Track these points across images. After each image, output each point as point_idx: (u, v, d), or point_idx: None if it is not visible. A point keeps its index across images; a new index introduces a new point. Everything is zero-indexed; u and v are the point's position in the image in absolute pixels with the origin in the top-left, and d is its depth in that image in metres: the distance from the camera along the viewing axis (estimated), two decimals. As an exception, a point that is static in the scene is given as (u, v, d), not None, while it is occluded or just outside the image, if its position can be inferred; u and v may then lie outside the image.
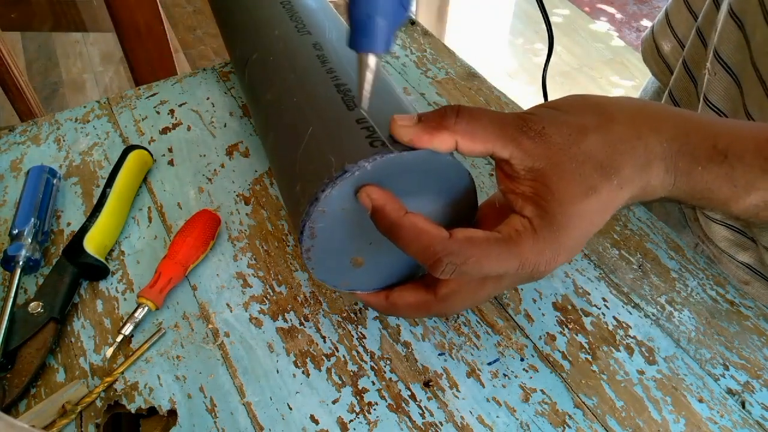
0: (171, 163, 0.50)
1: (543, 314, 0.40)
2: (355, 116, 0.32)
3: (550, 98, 0.56)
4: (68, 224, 0.45)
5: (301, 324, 0.39)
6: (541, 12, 0.49)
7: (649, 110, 0.30)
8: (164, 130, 0.53)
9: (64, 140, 0.52)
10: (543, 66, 0.54)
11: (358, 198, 0.30)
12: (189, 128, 0.53)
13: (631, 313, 0.40)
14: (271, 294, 0.41)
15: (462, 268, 0.28)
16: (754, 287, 0.48)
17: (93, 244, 0.41)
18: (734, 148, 0.29)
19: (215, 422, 0.34)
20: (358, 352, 0.38)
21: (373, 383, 0.36)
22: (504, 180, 0.30)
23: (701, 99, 0.46)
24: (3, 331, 0.36)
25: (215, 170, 0.49)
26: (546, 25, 0.50)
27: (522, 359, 0.38)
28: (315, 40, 0.40)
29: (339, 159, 0.30)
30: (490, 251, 0.28)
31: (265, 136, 0.40)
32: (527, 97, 2.09)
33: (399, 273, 0.36)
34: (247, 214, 0.46)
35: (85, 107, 0.55)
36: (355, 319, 0.39)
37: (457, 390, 0.36)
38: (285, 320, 0.39)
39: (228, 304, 0.40)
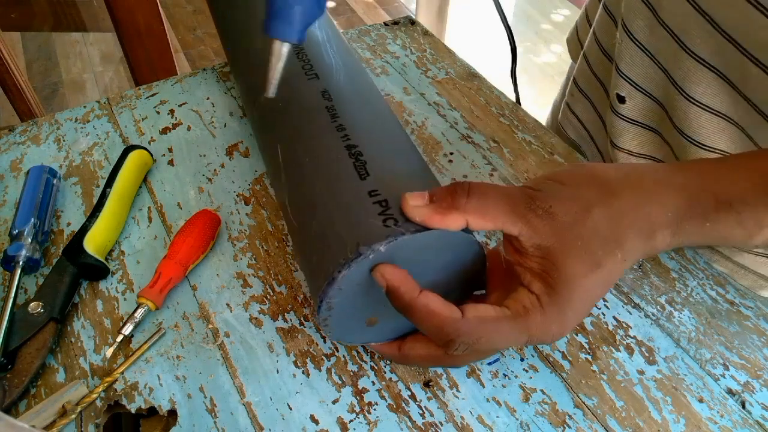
0: (171, 163, 0.50)
1: (543, 314, 0.40)
2: (367, 187, 0.32)
3: (522, 92, 0.59)
4: (68, 224, 0.45)
5: (301, 324, 0.39)
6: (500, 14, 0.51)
7: (650, 179, 0.31)
8: (164, 130, 0.53)
9: (64, 140, 0.52)
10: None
11: (372, 276, 0.30)
12: (189, 128, 0.53)
13: (631, 313, 0.40)
14: (271, 294, 0.41)
15: (474, 347, 0.29)
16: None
17: (93, 244, 0.41)
18: (736, 194, 0.30)
19: (215, 422, 0.34)
20: (358, 352, 0.38)
21: (373, 383, 0.36)
22: (512, 253, 0.31)
23: (614, 71, 0.48)
24: (3, 331, 0.36)
25: (215, 170, 0.49)
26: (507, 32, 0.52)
27: (522, 359, 0.38)
28: (323, 87, 0.40)
29: (353, 239, 0.30)
30: (501, 329, 0.29)
31: (278, 189, 0.40)
32: (527, 98, 2.09)
33: (410, 324, 0.37)
34: (247, 214, 0.46)
35: (85, 107, 0.55)
36: (355, 319, 0.39)
37: (457, 390, 0.36)
38: (285, 320, 0.39)
39: (228, 304, 0.40)
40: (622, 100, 0.48)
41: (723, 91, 0.40)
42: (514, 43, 0.54)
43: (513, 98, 0.58)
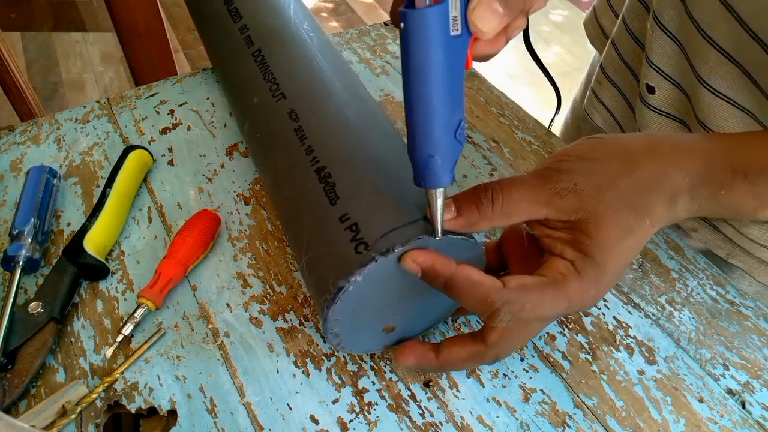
0: (171, 163, 0.50)
1: (543, 314, 0.40)
2: (338, 213, 0.32)
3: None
4: (68, 224, 0.45)
5: (301, 324, 0.39)
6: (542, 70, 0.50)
7: (666, 145, 0.31)
8: (164, 130, 0.53)
9: (64, 140, 0.52)
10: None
11: (404, 267, 0.30)
12: (189, 128, 0.53)
13: (631, 313, 0.40)
14: (271, 294, 0.41)
15: (518, 315, 0.29)
16: (701, 233, 0.50)
17: (93, 244, 0.41)
18: (752, 164, 0.30)
19: (215, 422, 0.34)
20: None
21: (373, 383, 0.36)
22: (538, 227, 0.31)
23: (644, 61, 0.48)
24: (3, 331, 0.36)
25: (215, 170, 0.49)
26: (550, 82, 0.52)
27: (522, 359, 0.38)
28: (290, 107, 0.39)
29: (333, 274, 0.31)
30: (543, 296, 0.29)
31: (279, 219, 0.40)
32: (527, 98, 2.09)
33: (433, 317, 0.37)
34: (247, 214, 0.46)
35: (85, 107, 0.55)
36: (355, 319, 0.39)
37: (457, 390, 0.36)
38: (285, 320, 0.39)
39: (228, 304, 0.40)
40: (651, 90, 0.48)
41: (747, 88, 0.41)
42: (559, 93, 0.54)
43: (513, 98, 0.58)
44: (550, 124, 0.56)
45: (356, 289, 0.30)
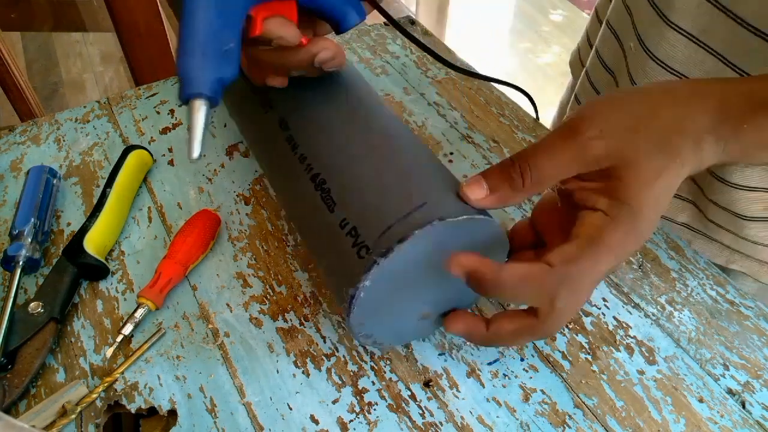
0: (171, 163, 0.50)
1: (543, 314, 0.40)
2: (338, 218, 0.32)
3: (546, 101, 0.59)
4: (68, 224, 0.45)
5: (301, 324, 0.39)
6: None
7: (685, 89, 0.31)
8: (164, 130, 0.53)
9: (64, 140, 0.52)
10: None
11: (450, 271, 0.30)
12: (189, 128, 0.53)
13: (631, 313, 0.40)
14: (271, 294, 0.41)
15: (573, 288, 0.29)
16: (695, 245, 0.50)
17: (93, 244, 0.41)
18: None
19: (215, 422, 0.34)
20: (358, 352, 0.38)
21: (373, 383, 0.36)
22: (569, 181, 0.31)
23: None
24: (3, 331, 0.36)
25: (215, 170, 0.49)
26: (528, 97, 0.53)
27: (522, 359, 0.38)
28: (280, 116, 0.38)
29: (344, 282, 0.31)
30: (592, 260, 0.28)
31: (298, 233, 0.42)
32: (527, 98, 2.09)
33: (468, 295, 0.37)
34: (247, 214, 0.46)
35: (85, 107, 0.55)
36: (355, 319, 0.39)
37: (457, 390, 0.36)
38: (285, 320, 0.39)
39: (228, 304, 0.40)
40: None
41: None
42: (533, 101, 0.54)
43: (513, 98, 0.58)
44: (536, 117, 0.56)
45: (368, 294, 0.30)
